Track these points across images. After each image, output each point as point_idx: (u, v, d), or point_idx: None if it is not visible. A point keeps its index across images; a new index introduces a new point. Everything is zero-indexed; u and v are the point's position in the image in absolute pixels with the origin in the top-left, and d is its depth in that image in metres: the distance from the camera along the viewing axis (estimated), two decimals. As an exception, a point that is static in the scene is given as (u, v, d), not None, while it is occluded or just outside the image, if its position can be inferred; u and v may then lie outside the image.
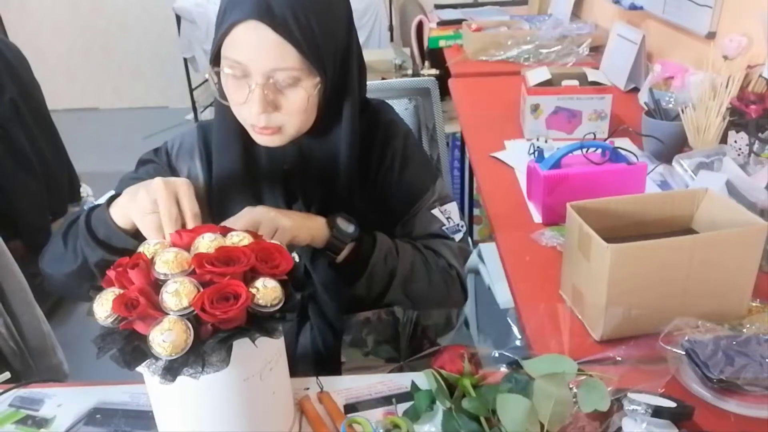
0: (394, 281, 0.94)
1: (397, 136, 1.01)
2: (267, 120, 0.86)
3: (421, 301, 0.97)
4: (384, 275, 0.93)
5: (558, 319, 0.92)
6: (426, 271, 0.97)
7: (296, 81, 0.84)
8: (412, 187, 1.01)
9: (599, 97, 1.62)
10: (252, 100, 0.83)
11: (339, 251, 0.91)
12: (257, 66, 0.82)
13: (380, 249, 0.93)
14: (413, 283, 0.96)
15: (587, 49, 2.33)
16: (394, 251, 0.95)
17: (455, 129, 2.38)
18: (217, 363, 0.61)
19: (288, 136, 0.90)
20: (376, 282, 0.94)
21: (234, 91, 0.86)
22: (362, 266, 0.92)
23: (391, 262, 0.94)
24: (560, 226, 1.19)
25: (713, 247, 0.86)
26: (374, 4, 4.08)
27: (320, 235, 0.90)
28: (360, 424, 0.76)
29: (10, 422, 0.84)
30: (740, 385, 0.76)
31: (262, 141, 0.91)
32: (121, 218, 0.81)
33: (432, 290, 0.97)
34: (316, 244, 0.91)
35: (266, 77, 0.82)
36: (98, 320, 0.64)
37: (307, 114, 0.88)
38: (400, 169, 1.00)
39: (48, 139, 2.50)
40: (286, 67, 0.82)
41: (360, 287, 0.93)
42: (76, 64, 4.94)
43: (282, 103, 0.85)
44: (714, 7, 1.66)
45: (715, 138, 1.35)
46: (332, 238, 0.90)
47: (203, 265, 0.64)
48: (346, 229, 0.91)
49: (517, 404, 0.68)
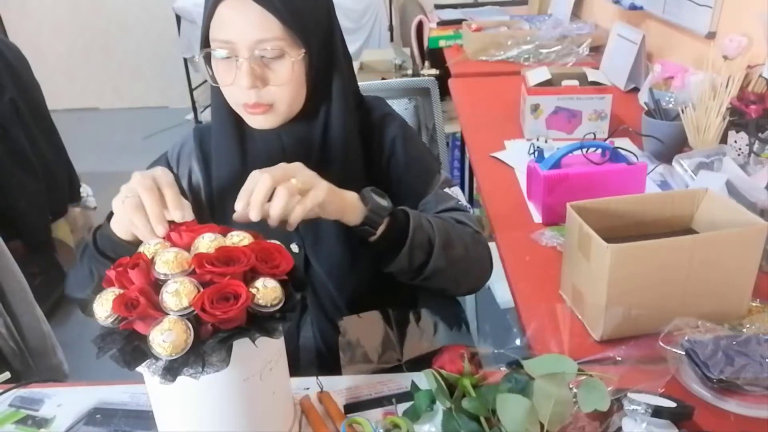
0: (435, 248, 0.89)
1: (393, 123, 1.02)
2: (257, 96, 0.87)
3: (461, 269, 0.95)
4: (424, 242, 0.89)
5: (558, 319, 0.92)
6: (461, 237, 0.94)
7: (281, 53, 0.86)
8: (423, 167, 1.02)
9: (599, 97, 1.62)
10: (240, 76, 0.85)
11: (377, 225, 0.85)
12: (242, 39, 0.84)
13: (414, 217, 0.89)
14: (452, 249, 0.91)
15: (587, 49, 2.33)
16: (426, 220, 0.91)
17: (455, 129, 2.38)
18: (217, 363, 0.61)
19: (280, 115, 0.91)
20: (418, 251, 0.88)
21: (223, 72, 0.88)
22: (403, 236, 0.87)
23: (428, 229, 0.90)
24: (560, 226, 1.19)
25: (713, 247, 0.86)
26: (374, 4, 4.08)
27: (354, 210, 0.84)
28: (360, 424, 0.76)
29: (10, 422, 0.84)
30: (740, 385, 0.76)
31: (255, 123, 0.91)
32: (120, 229, 0.81)
33: (468, 256, 0.94)
34: (349, 221, 0.85)
35: (251, 50, 0.85)
36: (98, 320, 0.64)
37: (296, 87, 0.89)
38: (404, 151, 1.01)
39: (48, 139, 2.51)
40: (270, 38, 0.84)
41: (402, 259, 0.88)
42: (76, 64, 4.94)
43: (270, 77, 0.87)
44: (714, 7, 1.66)
45: (715, 138, 1.35)
46: (369, 212, 0.84)
47: (203, 265, 0.64)
48: (381, 202, 0.86)
49: (517, 404, 0.68)
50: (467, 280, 0.99)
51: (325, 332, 1.05)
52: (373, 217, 0.85)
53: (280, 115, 0.91)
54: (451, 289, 1.01)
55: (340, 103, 0.94)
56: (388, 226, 0.87)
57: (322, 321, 1.05)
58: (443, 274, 0.91)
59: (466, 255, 0.94)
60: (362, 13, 4.04)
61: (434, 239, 0.89)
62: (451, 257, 0.91)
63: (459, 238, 0.93)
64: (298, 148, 0.96)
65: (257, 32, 0.84)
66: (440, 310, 1.22)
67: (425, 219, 0.91)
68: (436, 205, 1.00)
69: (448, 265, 0.91)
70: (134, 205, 0.74)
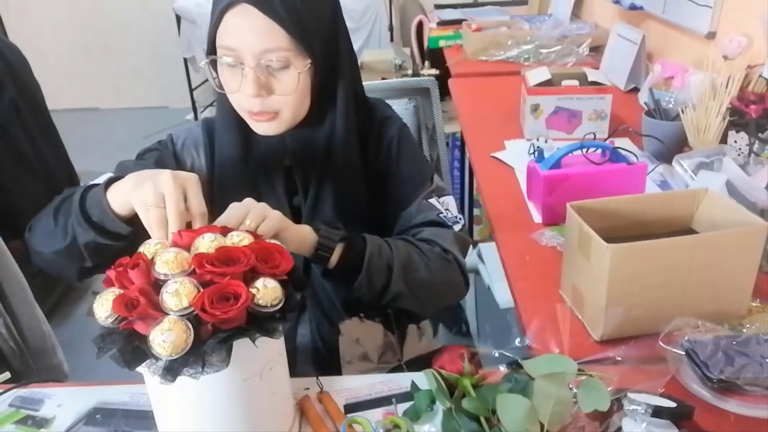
0: (394, 273, 0.91)
1: (392, 126, 1.03)
2: (262, 104, 0.88)
3: (425, 292, 0.96)
4: (382, 267, 0.91)
5: (558, 319, 0.92)
6: (424, 260, 0.95)
7: (287, 63, 0.87)
8: (412, 175, 1.02)
9: (599, 97, 1.62)
10: (245, 84, 0.86)
11: (330, 251, 0.89)
12: (248, 48, 0.85)
13: (372, 243, 0.91)
14: (413, 272, 0.93)
15: (587, 49, 2.33)
16: (386, 245, 0.93)
17: (455, 129, 2.38)
18: (217, 363, 0.61)
19: (285, 122, 0.91)
20: (376, 276, 0.91)
21: (229, 79, 0.89)
22: (358, 262, 0.90)
23: (386, 254, 0.92)
24: (560, 226, 1.19)
25: (713, 247, 0.86)
26: (374, 4, 4.08)
27: (307, 239, 0.88)
28: (360, 424, 0.76)
29: (10, 422, 0.84)
30: (740, 385, 0.76)
31: (260, 129, 0.92)
32: (120, 204, 0.80)
33: (433, 278, 0.95)
34: (304, 251, 0.88)
35: (257, 59, 0.85)
36: (98, 320, 0.64)
37: (301, 97, 0.90)
38: (397, 156, 1.01)
39: (48, 139, 2.50)
40: (275, 48, 0.85)
41: (361, 286, 0.91)
42: (76, 64, 4.94)
43: (275, 86, 0.88)
44: (714, 7, 1.66)
45: (715, 138, 1.35)
46: (321, 238, 0.88)
47: (203, 265, 0.64)
48: (332, 230, 0.89)
49: (517, 404, 0.68)
50: (434, 302, 1.00)
51: (324, 330, 1.06)
52: (324, 242, 0.88)
53: (284, 123, 0.92)
54: (417, 310, 1.01)
55: (344, 109, 0.95)
56: (344, 252, 0.89)
57: (320, 319, 1.06)
58: (406, 296, 0.93)
59: (430, 277, 0.94)
60: (362, 13, 4.04)
61: (393, 263, 0.91)
62: (412, 280, 0.92)
63: (423, 261, 0.94)
64: (302, 151, 0.96)
65: (263, 42, 0.84)
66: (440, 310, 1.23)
67: (385, 244, 0.92)
68: (416, 216, 1.00)
69: (409, 288, 0.92)
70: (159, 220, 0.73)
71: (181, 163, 1.02)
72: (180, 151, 1.02)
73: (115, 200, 0.80)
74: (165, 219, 0.73)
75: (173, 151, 1.02)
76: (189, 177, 0.76)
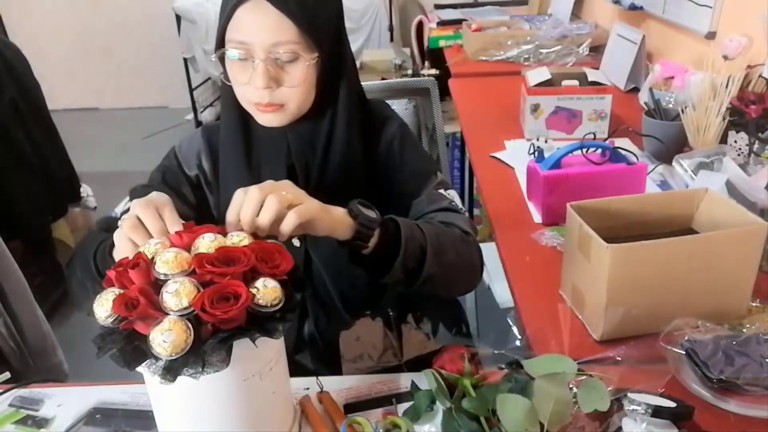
0: (427, 255, 0.87)
1: (392, 125, 1.04)
2: (270, 96, 0.90)
3: (453, 273, 0.93)
4: (416, 251, 0.86)
5: (558, 319, 0.92)
6: (450, 241, 0.92)
7: (296, 56, 0.88)
8: (416, 170, 1.02)
9: (599, 97, 1.62)
10: (255, 76, 0.88)
11: (368, 239, 0.83)
12: (259, 42, 0.86)
13: (405, 226, 0.87)
14: (444, 255, 0.89)
15: (587, 49, 2.33)
16: (417, 228, 0.89)
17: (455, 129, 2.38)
18: (217, 363, 0.61)
19: (290, 114, 0.93)
20: (411, 260, 0.86)
21: (238, 72, 0.90)
22: (396, 246, 0.85)
23: (419, 237, 0.87)
24: (560, 226, 1.19)
25: (713, 247, 0.86)
26: (374, 4, 4.08)
27: (343, 225, 0.82)
28: (360, 424, 0.76)
29: (10, 422, 0.84)
30: (740, 385, 0.76)
31: (265, 120, 0.93)
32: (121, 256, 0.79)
33: (460, 260, 0.93)
34: (338, 235, 0.83)
35: (267, 52, 0.87)
36: (98, 320, 0.64)
37: (307, 89, 0.91)
38: (401, 152, 1.02)
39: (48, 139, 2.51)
40: (285, 41, 0.86)
41: (396, 270, 0.85)
42: (76, 64, 4.94)
43: (284, 79, 0.90)
44: (714, 7, 1.66)
45: (715, 138, 1.35)
46: (359, 226, 0.82)
47: (203, 265, 0.64)
48: (370, 215, 0.84)
49: (517, 404, 0.68)
50: (459, 284, 0.99)
51: (324, 328, 1.06)
52: (363, 230, 0.83)
53: (289, 114, 0.93)
54: (443, 293, 1.01)
55: (346, 106, 0.96)
56: (380, 238, 0.85)
57: (321, 316, 1.06)
58: (435, 280, 0.90)
59: (458, 259, 0.92)
60: (362, 13, 4.04)
61: (426, 246, 0.87)
62: (443, 263, 0.89)
63: (450, 242, 0.92)
64: (304, 147, 0.97)
65: (274, 35, 0.86)
66: (440, 310, 1.23)
67: (415, 226, 0.89)
68: (428, 205, 0.99)
69: (440, 271, 0.89)
70: (132, 224, 0.73)
71: (186, 174, 1.03)
72: (183, 160, 1.04)
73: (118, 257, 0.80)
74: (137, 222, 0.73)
75: (177, 164, 1.04)
76: (160, 198, 0.77)
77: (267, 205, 0.73)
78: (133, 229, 0.73)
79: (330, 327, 1.05)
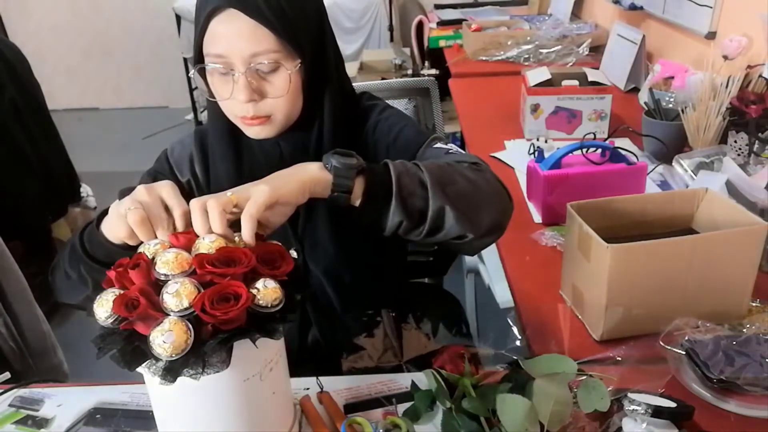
0: (429, 189, 0.78)
1: (372, 112, 1.00)
2: (255, 109, 0.86)
3: (472, 202, 0.82)
4: (414, 187, 0.78)
5: (558, 319, 0.92)
6: (457, 170, 0.83)
7: (277, 65, 0.85)
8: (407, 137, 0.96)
9: (599, 97, 1.62)
10: (237, 90, 0.84)
11: (349, 187, 0.76)
12: (237, 54, 0.83)
13: (395, 165, 0.79)
14: (450, 185, 0.80)
15: (587, 49, 2.33)
16: (412, 165, 0.81)
17: (455, 129, 2.39)
18: (217, 364, 0.61)
19: (278, 125, 0.90)
20: (411, 199, 0.78)
21: (220, 86, 0.87)
22: (386, 189, 0.77)
23: (416, 173, 0.79)
24: (560, 226, 1.19)
25: (713, 247, 0.86)
26: (374, 4, 4.08)
27: (319, 182, 0.76)
28: (360, 424, 0.76)
29: (10, 422, 0.84)
30: (740, 385, 0.76)
31: (252, 133, 0.90)
32: (114, 234, 0.77)
33: (474, 186, 0.82)
34: (319, 194, 0.77)
35: (247, 64, 0.84)
36: (98, 320, 0.64)
37: (293, 98, 0.88)
38: (387, 132, 0.97)
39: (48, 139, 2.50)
40: (264, 50, 0.83)
41: (395, 213, 0.77)
42: (76, 64, 4.94)
43: (267, 90, 0.86)
44: (714, 7, 1.66)
45: (715, 138, 1.35)
46: (334, 177, 0.76)
47: (204, 265, 0.64)
48: (345, 162, 0.77)
49: (517, 404, 0.68)
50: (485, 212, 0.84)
51: (325, 334, 1.06)
52: (340, 181, 0.76)
53: (277, 125, 0.90)
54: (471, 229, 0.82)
55: (331, 107, 0.93)
56: (368, 183, 0.77)
57: (322, 322, 1.06)
58: (452, 214, 0.79)
59: (471, 186, 0.82)
60: (362, 13, 4.04)
61: (425, 179, 0.78)
62: (453, 193, 0.79)
63: (457, 172, 0.83)
64: (297, 155, 0.94)
65: (251, 46, 0.82)
66: (440, 310, 1.23)
67: (411, 164, 0.81)
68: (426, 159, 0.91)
69: (452, 202, 0.79)
70: (139, 218, 0.71)
71: (177, 178, 1.01)
72: (175, 165, 1.02)
73: (109, 235, 0.78)
74: (144, 218, 0.71)
75: (169, 168, 1.01)
76: (162, 184, 0.75)
77: (210, 212, 0.70)
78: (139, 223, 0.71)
79: (330, 331, 1.05)
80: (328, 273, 1.01)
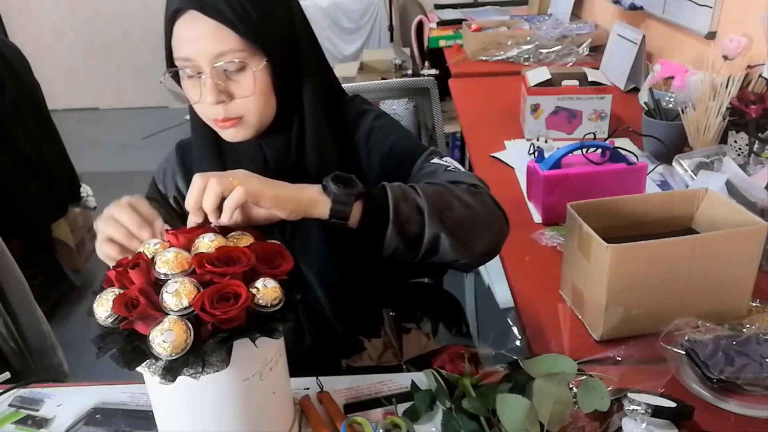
0: (426, 216, 0.79)
1: (366, 118, 0.98)
2: (225, 111, 0.86)
3: (464, 230, 0.82)
4: (411, 213, 0.79)
5: (558, 319, 0.92)
6: (455, 195, 0.83)
7: (242, 64, 0.84)
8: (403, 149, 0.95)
9: (599, 97, 1.62)
10: (205, 92, 0.84)
11: (346, 215, 0.77)
12: (202, 55, 0.83)
13: (394, 190, 0.80)
14: (447, 211, 0.81)
15: (587, 49, 2.33)
16: (411, 189, 0.82)
17: (455, 129, 2.39)
18: (217, 363, 0.61)
19: (251, 126, 0.89)
20: (407, 225, 0.79)
21: (191, 90, 0.87)
22: (383, 214, 0.78)
23: (413, 198, 0.80)
24: (560, 226, 1.19)
25: (713, 247, 0.86)
26: (374, 4, 4.08)
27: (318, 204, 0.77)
28: (360, 424, 0.76)
29: (10, 422, 0.84)
30: (740, 385, 0.76)
31: (228, 135, 0.90)
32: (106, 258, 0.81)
33: (471, 212, 0.83)
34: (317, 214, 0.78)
35: (212, 65, 0.83)
36: (98, 320, 0.64)
37: (262, 98, 0.87)
38: (382, 141, 0.96)
39: (48, 139, 2.50)
40: (228, 50, 0.83)
41: (391, 238, 0.78)
42: (76, 64, 4.94)
43: (235, 90, 0.86)
44: (714, 7, 1.66)
45: (715, 138, 1.35)
46: (333, 203, 0.77)
47: (203, 265, 0.64)
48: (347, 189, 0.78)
49: (517, 404, 0.68)
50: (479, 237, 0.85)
51: (322, 336, 1.05)
52: (338, 207, 0.77)
53: (251, 127, 0.89)
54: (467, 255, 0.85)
55: (312, 110, 0.92)
56: (365, 209, 0.79)
57: (317, 326, 1.05)
58: (447, 241, 0.81)
59: (469, 212, 0.83)
60: (362, 13, 4.04)
61: (422, 206, 0.79)
62: (449, 220, 0.81)
63: (455, 196, 0.83)
64: (280, 156, 0.94)
65: (214, 46, 0.82)
66: (440, 310, 1.23)
67: (410, 188, 0.82)
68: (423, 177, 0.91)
69: (448, 229, 0.80)
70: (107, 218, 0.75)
71: (164, 195, 1.03)
72: (163, 187, 1.04)
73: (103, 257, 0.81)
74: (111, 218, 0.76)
75: (158, 191, 1.04)
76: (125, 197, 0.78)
77: (208, 189, 0.72)
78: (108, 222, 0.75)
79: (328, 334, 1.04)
80: (320, 275, 1.00)
